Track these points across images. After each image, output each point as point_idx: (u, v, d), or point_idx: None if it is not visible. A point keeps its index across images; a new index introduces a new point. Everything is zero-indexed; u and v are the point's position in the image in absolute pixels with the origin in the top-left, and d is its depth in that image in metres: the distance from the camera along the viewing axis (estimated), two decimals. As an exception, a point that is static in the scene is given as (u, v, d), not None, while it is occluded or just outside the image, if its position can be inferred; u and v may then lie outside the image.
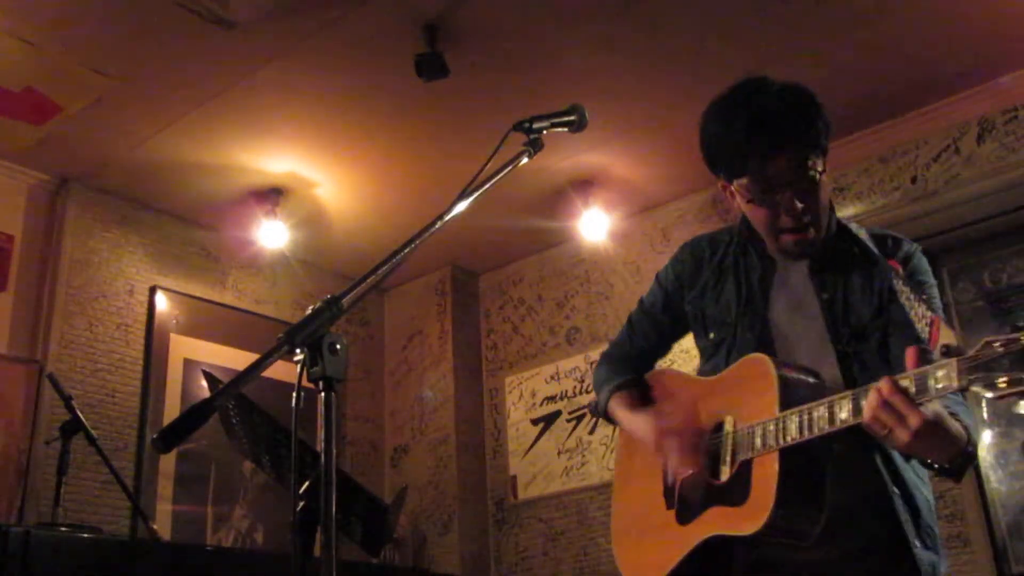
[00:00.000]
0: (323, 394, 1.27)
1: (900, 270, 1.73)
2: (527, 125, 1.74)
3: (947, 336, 1.49)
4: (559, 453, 4.75)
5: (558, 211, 4.68)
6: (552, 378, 4.91)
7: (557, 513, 4.70)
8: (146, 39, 3.36)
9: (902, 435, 1.46)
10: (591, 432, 4.68)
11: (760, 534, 1.62)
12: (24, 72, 3.49)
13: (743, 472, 1.70)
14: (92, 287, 4.15)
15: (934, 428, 1.47)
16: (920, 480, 1.78)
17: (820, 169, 1.76)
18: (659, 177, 4.46)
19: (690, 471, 1.79)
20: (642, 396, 2.06)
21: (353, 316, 5.27)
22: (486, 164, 1.62)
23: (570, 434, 4.75)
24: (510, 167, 1.65)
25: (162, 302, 4.37)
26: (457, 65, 3.42)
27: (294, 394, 1.24)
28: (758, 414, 1.70)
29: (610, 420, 2.10)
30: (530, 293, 5.17)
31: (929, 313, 1.59)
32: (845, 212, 4.01)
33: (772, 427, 1.66)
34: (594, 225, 4.58)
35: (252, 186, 4.37)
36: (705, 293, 1.99)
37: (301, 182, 4.36)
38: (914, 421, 1.45)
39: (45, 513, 3.50)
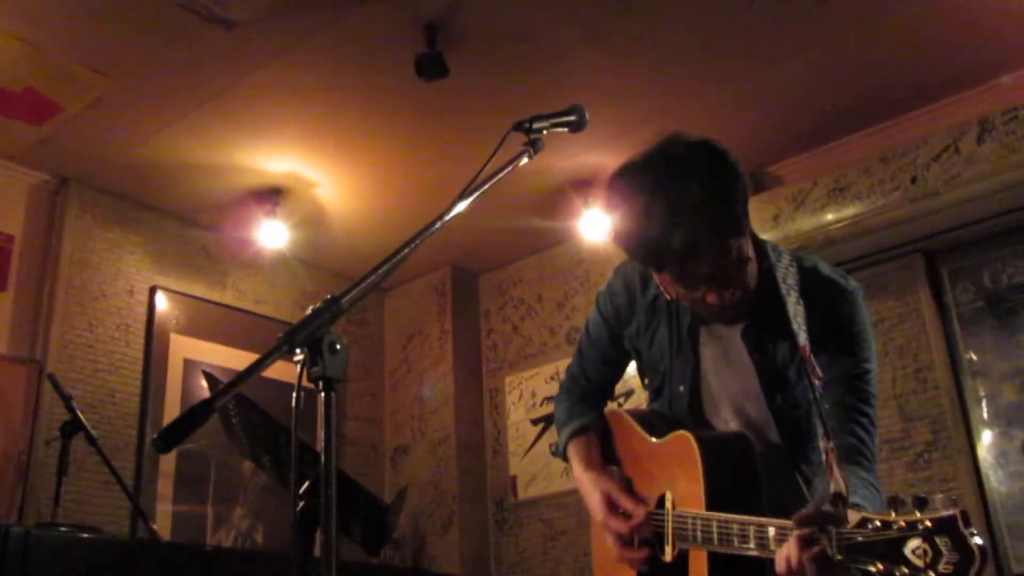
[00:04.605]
0: (323, 394, 1.26)
1: (818, 384, 1.64)
2: (527, 125, 1.73)
3: (836, 479, 1.42)
4: (559, 453, 4.75)
5: (558, 211, 4.68)
6: (552, 378, 4.91)
7: (557, 513, 4.70)
8: (146, 39, 3.36)
9: None
10: (591, 432, 4.67)
11: None
12: (24, 72, 3.49)
13: (682, 558, 1.72)
14: (92, 287, 4.15)
15: None
16: None
17: (743, 248, 1.68)
18: (659, 177, 4.45)
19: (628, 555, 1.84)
20: (600, 441, 2.05)
21: (353, 316, 5.27)
22: (486, 164, 1.62)
23: (570, 434, 4.74)
24: (510, 167, 1.64)
25: (162, 302, 4.37)
26: (457, 65, 3.42)
27: (294, 394, 1.24)
28: (689, 501, 1.71)
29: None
30: (530, 293, 5.17)
31: (824, 446, 1.54)
32: (845, 212, 4.01)
33: (700, 526, 1.65)
34: (594, 225, 4.58)
35: (252, 186, 4.37)
36: (640, 333, 1.97)
37: (301, 182, 4.36)
38: None
39: (45, 513, 3.50)
